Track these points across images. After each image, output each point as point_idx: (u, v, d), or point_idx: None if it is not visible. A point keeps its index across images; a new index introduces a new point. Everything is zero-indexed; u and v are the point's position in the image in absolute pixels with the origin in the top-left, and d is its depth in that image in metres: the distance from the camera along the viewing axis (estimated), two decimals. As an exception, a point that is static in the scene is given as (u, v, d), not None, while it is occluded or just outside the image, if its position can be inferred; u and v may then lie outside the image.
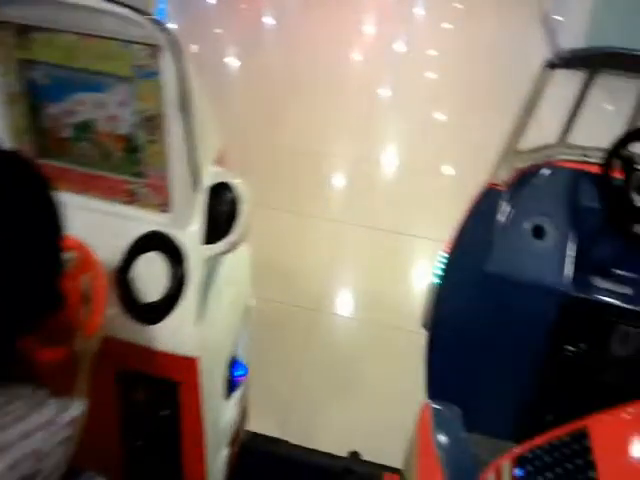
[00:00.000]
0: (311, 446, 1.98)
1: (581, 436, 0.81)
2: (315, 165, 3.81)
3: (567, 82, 1.79)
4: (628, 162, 1.59)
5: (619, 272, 1.67)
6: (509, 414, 1.70)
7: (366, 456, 1.91)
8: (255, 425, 1.97)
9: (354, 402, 2.29)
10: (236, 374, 1.55)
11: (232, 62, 5.30)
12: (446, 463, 1.21)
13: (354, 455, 1.88)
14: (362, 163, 3.94)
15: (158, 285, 1.26)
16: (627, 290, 1.60)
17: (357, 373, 2.42)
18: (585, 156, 1.73)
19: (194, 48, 5.15)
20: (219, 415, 1.51)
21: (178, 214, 1.28)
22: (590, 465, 0.77)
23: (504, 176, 1.58)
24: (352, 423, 2.18)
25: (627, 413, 0.81)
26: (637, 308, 1.56)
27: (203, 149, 1.26)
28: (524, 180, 1.63)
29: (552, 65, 1.54)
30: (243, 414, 1.78)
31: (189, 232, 1.27)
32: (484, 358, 1.63)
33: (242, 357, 1.61)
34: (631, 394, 1.70)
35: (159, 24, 1.13)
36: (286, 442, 1.95)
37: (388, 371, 2.41)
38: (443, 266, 1.61)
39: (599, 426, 0.82)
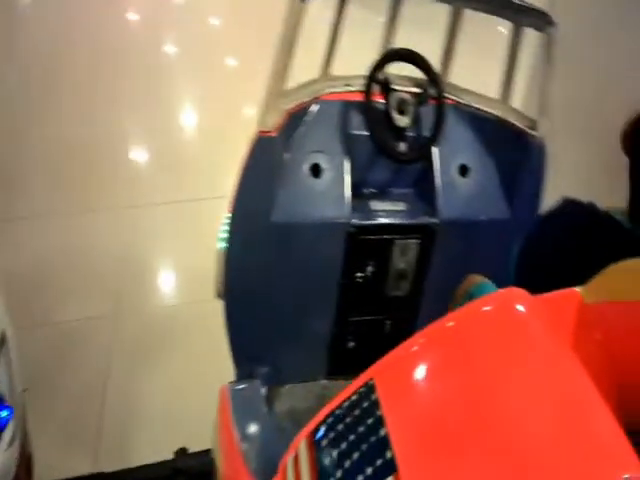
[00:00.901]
0: (139, 462, 1.80)
1: (369, 390, 0.74)
2: (101, 152, 3.37)
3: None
4: (385, 84, 1.62)
5: (393, 190, 1.78)
6: (319, 354, 1.79)
7: (199, 446, 1.77)
8: (64, 467, 1.74)
9: (176, 394, 2.11)
10: (-4, 414, 1.27)
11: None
12: (249, 453, 1.12)
13: (181, 452, 1.74)
14: (156, 134, 3.62)
15: None
16: (401, 206, 1.72)
17: (175, 361, 2.24)
18: (348, 85, 1.71)
19: None
20: None
21: None
22: (380, 421, 0.69)
23: (274, 120, 1.47)
24: (179, 417, 2.01)
25: (406, 351, 0.75)
26: (411, 221, 1.69)
27: None
28: (294, 121, 1.55)
29: None
30: (24, 462, 1.50)
31: None
32: (285, 310, 1.64)
33: (5, 394, 1.34)
34: (415, 303, 1.83)
35: None
36: (99, 474, 1.74)
37: (211, 347, 2.25)
38: (228, 228, 1.50)
39: (383, 373, 0.75)
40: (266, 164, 1.47)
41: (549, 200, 1.81)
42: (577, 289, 0.80)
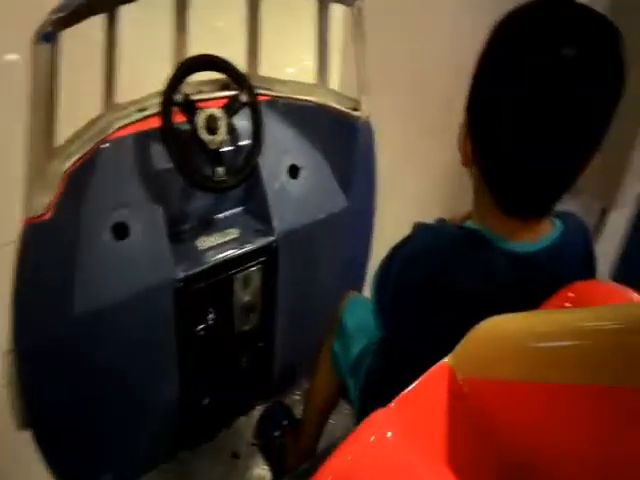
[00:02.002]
0: None
1: None
2: None
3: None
4: (186, 104, 1.35)
5: (220, 217, 1.58)
6: (170, 428, 1.59)
7: None
8: None
9: None
10: None
11: None
12: None
13: None
14: None
15: None
16: (233, 233, 1.54)
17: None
18: (143, 110, 1.41)
19: None
20: None
21: None
22: None
23: (46, 196, 1.08)
24: None
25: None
26: (247, 248, 1.51)
27: None
28: (78, 180, 1.19)
29: (48, 37, 1.03)
30: None
31: None
32: (115, 405, 1.37)
33: None
34: (269, 329, 1.69)
35: None
36: None
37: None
38: (14, 337, 1.14)
39: None
40: (47, 255, 1.12)
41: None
42: (447, 361, 0.70)
